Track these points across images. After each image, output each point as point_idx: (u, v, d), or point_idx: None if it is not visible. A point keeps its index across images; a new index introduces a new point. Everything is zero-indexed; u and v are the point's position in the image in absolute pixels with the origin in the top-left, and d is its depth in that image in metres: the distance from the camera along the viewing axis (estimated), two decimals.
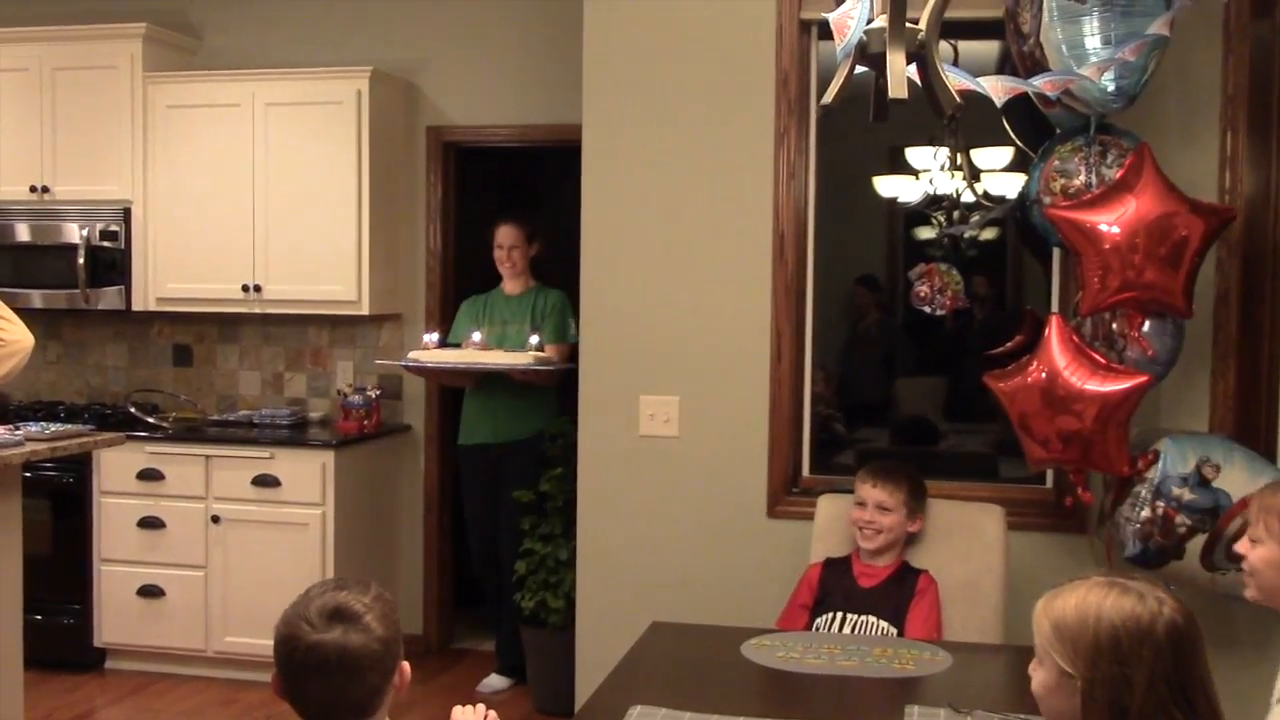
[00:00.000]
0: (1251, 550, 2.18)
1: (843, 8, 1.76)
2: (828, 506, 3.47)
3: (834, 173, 4.23)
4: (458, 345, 4.96)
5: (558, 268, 4.88)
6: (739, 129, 3.79)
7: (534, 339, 4.83)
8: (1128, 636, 1.63)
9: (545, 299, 5.05)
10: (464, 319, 5.10)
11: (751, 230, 3.80)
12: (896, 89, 1.77)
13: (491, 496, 5.03)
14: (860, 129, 2.10)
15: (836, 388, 5.49)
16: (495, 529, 5.05)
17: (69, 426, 3.89)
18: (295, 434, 5.21)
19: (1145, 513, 3.11)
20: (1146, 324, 3.16)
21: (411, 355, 4.91)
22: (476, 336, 4.86)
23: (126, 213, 5.35)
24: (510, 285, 5.10)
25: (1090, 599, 1.68)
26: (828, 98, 1.88)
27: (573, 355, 4.81)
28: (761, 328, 3.81)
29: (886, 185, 5.21)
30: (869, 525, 3.22)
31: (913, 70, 1.87)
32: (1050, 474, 3.74)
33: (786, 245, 3.80)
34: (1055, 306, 3.67)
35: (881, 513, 3.21)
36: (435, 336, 4.96)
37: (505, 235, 5.06)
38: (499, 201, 6.02)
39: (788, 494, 3.83)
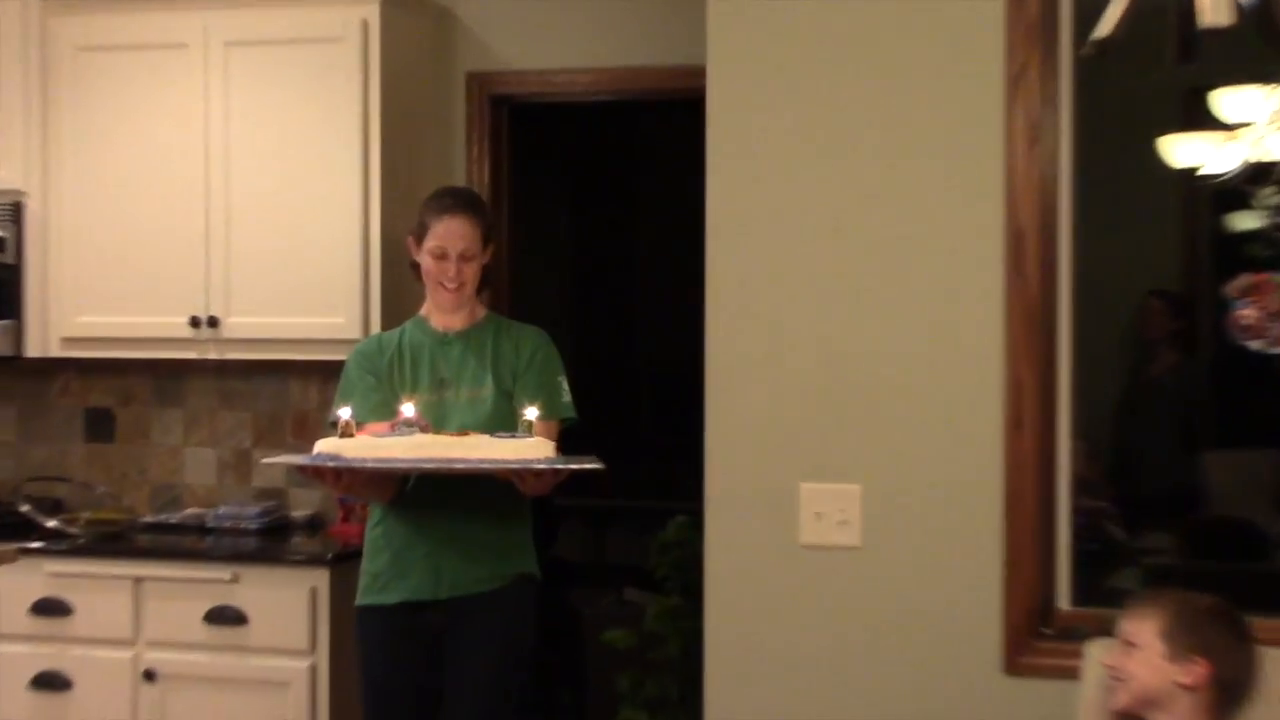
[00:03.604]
0: None
1: None
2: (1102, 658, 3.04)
3: (1098, 134, 3.47)
4: (335, 426, 3.32)
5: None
6: (946, 72, 3.24)
7: (530, 412, 3.30)
8: None
9: (517, 342, 3.59)
10: (356, 378, 3.57)
11: (969, 228, 3.24)
12: (1215, 12, 1.72)
13: (427, 684, 3.52)
14: (1141, 65, 2.04)
15: (1109, 469, 4.56)
16: None
17: None
18: (270, 544, 4.38)
19: None
20: None
21: (324, 445, 3.26)
22: (410, 410, 3.29)
23: (16, 209, 4.48)
24: (447, 317, 3.55)
25: None
26: (1104, 29, 1.85)
27: (564, 437, 3.54)
28: (988, 378, 3.22)
29: (1183, 149, 4.41)
30: (1111, 671, 2.88)
31: None
32: None
33: (1027, 249, 3.24)
34: None
35: (1127, 651, 2.82)
36: (348, 411, 3.42)
37: (455, 232, 3.51)
38: (574, 183, 5.61)
39: (1036, 637, 3.29)
